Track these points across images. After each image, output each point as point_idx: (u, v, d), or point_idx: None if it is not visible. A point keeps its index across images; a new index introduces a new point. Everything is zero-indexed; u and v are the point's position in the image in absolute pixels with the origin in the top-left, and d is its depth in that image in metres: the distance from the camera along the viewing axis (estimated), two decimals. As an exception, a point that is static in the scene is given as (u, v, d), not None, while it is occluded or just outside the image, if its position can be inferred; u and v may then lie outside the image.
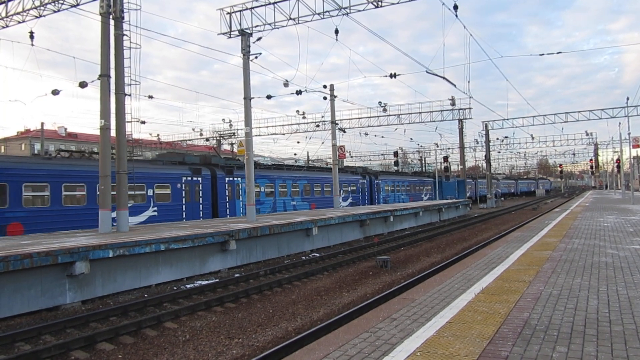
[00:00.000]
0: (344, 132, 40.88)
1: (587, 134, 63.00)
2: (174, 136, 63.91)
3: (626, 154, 53.15)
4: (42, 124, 49.14)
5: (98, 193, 16.72)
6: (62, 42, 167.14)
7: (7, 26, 18.98)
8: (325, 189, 34.53)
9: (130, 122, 16.12)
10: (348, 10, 18.97)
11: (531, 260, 9.61)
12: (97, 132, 16.10)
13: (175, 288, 12.88)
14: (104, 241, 12.14)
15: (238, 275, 14.36)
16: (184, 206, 23.22)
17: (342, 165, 40.82)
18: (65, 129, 70.19)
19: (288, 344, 7.80)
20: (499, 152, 77.17)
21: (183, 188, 23.19)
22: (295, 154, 61.74)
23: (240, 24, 20.20)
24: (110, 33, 15.85)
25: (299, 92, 26.43)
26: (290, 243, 18.45)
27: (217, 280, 13.67)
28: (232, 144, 60.57)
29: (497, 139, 65.83)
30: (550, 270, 8.37)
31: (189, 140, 62.52)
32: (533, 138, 61.74)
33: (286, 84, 23.97)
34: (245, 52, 20.32)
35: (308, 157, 64.93)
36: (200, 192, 24.15)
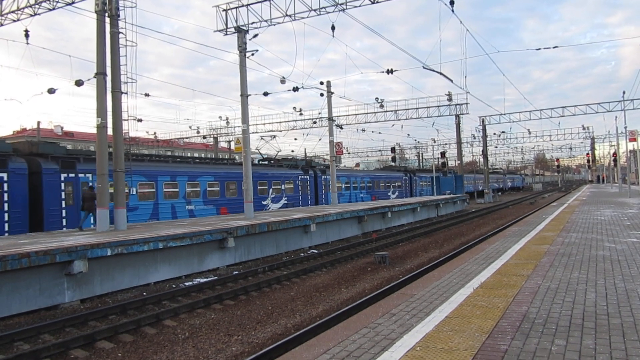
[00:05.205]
0: (341, 128, 40.83)
1: (583, 128, 63.26)
2: (170, 134, 63.80)
3: (622, 148, 53.27)
4: (39, 122, 48.98)
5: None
6: (65, 43, 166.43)
7: (2, 25, 18.87)
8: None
9: (127, 120, 16.10)
10: (344, 6, 18.94)
11: (529, 254, 9.63)
12: (94, 131, 16.06)
13: (174, 286, 12.87)
14: (102, 240, 12.12)
15: (237, 272, 14.37)
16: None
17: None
18: (62, 128, 69.95)
19: (287, 340, 7.81)
20: (496, 147, 77.26)
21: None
22: (292, 151, 61.68)
23: (236, 21, 20.14)
24: (106, 31, 15.79)
25: (295, 89, 26.41)
26: (289, 240, 18.45)
27: (215, 277, 13.66)
28: (229, 142, 60.48)
29: (494, 133, 66.04)
30: (548, 264, 8.39)
31: (186, 138, 62.39)
32: (530, 133, 61.84)
33: (283, 81, 23.95)
34: (242, 49, 20.26)
35: (305, 154, 64.93)
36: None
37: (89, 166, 18.75)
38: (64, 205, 18.28)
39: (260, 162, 32.51)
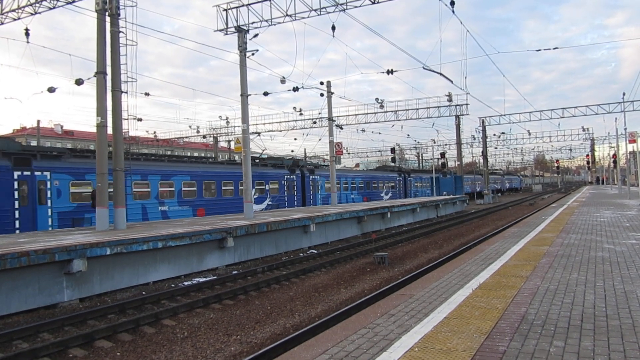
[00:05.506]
0: (341, 128, 40.80)
1: (583, 130, 63.29)
2: (170, 133, 63.79)
3: (622, 149, 53.27)
4: (38, 121, 49.13)
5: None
6: (66, 42, 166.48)
7: (2, 23, 18.87)
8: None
9: (127, 119, 16.10)
10: (345, 7, 18.94)
11: (528, 255, 9.64)
12: (94, 130, 16.06)
13: (173, 285, 12.87)
14: (102, 239, 12.12)
15: (236, 272, 14.37)
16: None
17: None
18: (62, 127, 69.99)
19: (286, 340, 7.81)
20: (496, 148, 77.13)
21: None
22: (292, 151, 61.73)
23: (236, 21, 20.14)
24: (106, 30, 15.80)
25: (295, 89, 26.41)
26: (288, 240, 18.45)
27: (215, 277, 13.66)
28: (229, 142, 60.49)
29: (494, 134, 66.05)
30: (547, 266, 8.39)
31: (186, 137, 62.39)
32: (530, 134, 61.86)
33: (283, 81, 23.96)
34: (242, 48, 20.26)
35: (305, 154, 64.99)
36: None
37: (48, 163, 17.73)
38: (17, 206, 16.77)
39: None
